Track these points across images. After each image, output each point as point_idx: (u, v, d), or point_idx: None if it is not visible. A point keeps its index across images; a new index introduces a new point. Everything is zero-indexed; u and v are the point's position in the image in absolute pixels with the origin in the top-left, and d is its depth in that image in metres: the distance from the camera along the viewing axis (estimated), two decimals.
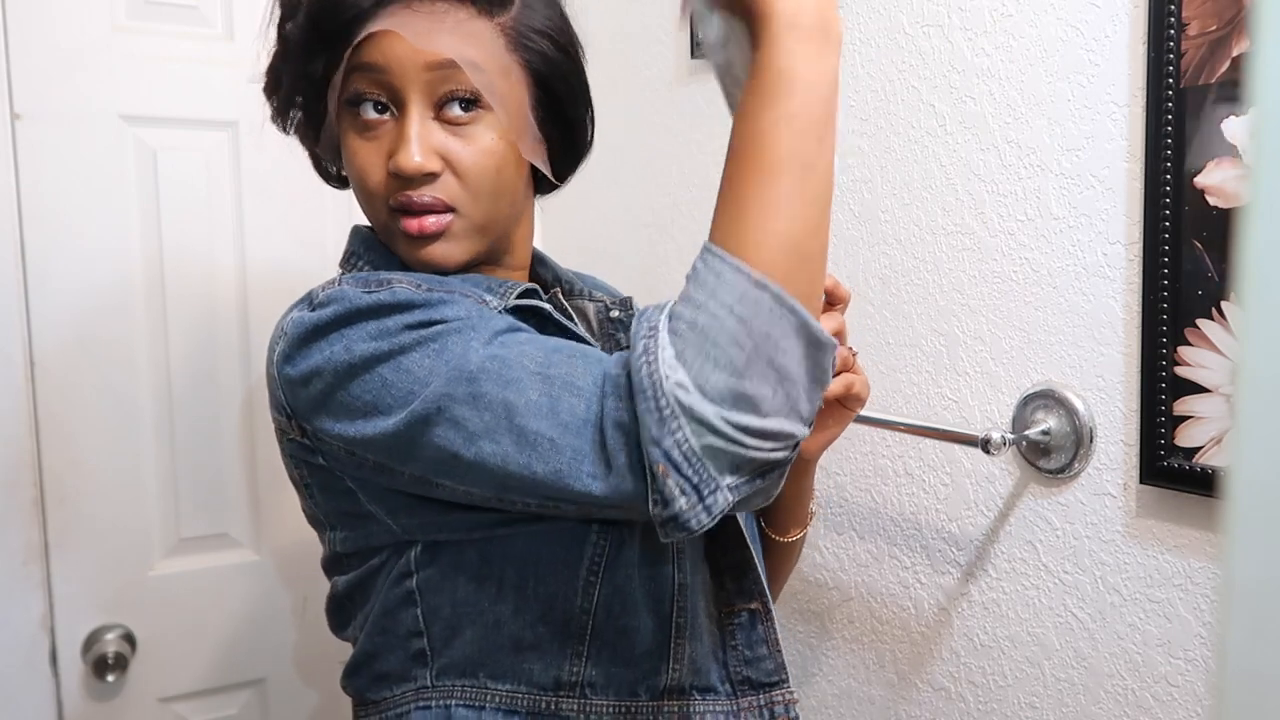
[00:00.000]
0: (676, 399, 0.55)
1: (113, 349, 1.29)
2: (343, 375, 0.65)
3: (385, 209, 0.71)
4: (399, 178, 0.69)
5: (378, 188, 0.71)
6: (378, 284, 0.67)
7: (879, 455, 1.15)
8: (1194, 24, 0.80)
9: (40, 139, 1.24)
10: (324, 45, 0.69)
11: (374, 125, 0.70)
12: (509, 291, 0.72)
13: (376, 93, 0.69)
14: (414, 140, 0.68)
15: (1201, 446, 0.82)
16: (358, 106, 0.70)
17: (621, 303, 0.86)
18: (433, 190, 0.70)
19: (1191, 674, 0.85)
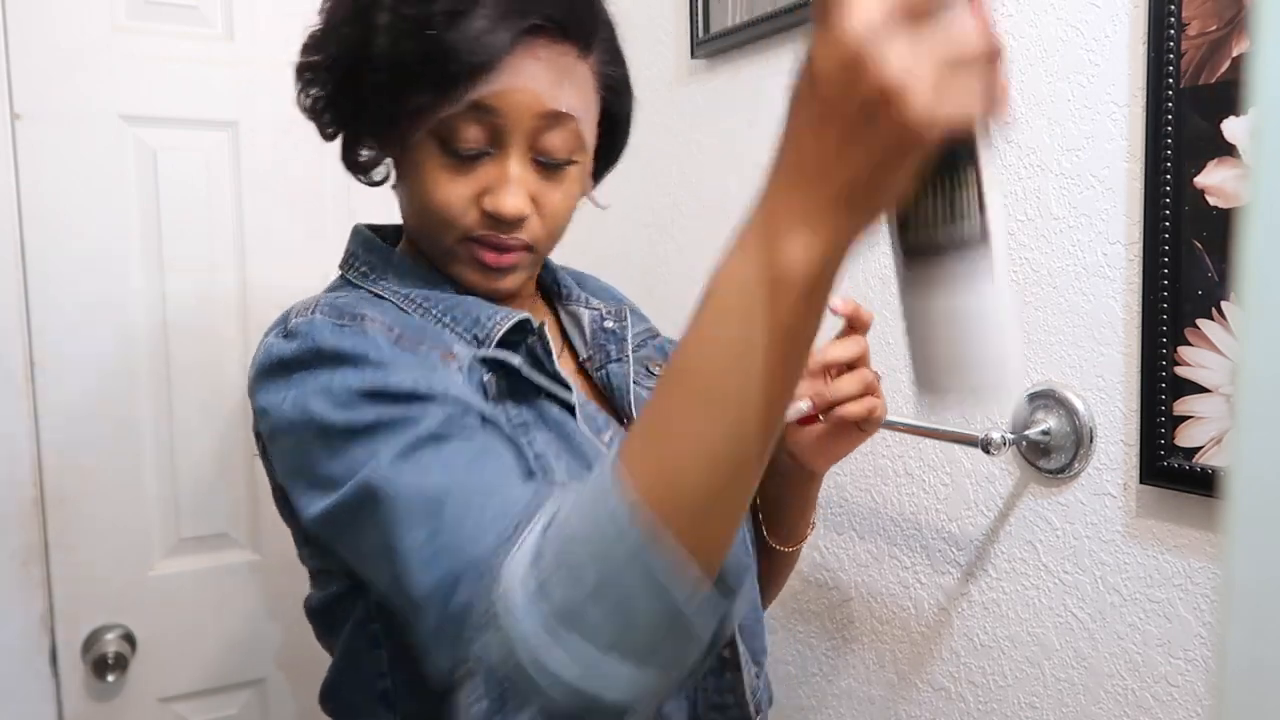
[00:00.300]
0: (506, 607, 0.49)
1: (112, 349, 1.29)
2: (284, 429, 0.64)
3: (458, 238, 0.71)
4: (490, 217, 0.69)
5: (459, 220, 0.70)
6: (351, 318, 0.66)
7: (879, 455, 1.15)
8: (1194, 24, 0.80)
9: (40, 139, 1.23)
10: (440, 86, 0.65)
11: (469, 164, 0.69)
12: (493, 331, 0.70)
13: (482, 135, 0.68)
14: (518, 187, 0.69)
15: (1201, 446, 0.82)
16: (454, 142, 0.68)
17: (616, 313, 0.86)
18: (520, 233, 0.71)
19: (1191, 674, 0.85)
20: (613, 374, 0.82)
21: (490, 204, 0.68)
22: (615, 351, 0.83)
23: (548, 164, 0.70)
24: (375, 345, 0.64)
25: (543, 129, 0.69)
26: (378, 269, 0.76)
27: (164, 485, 1.34)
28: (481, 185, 0.69)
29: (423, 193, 0.70)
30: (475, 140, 0.68)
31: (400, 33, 0.65)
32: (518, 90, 0.66)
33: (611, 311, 0.86)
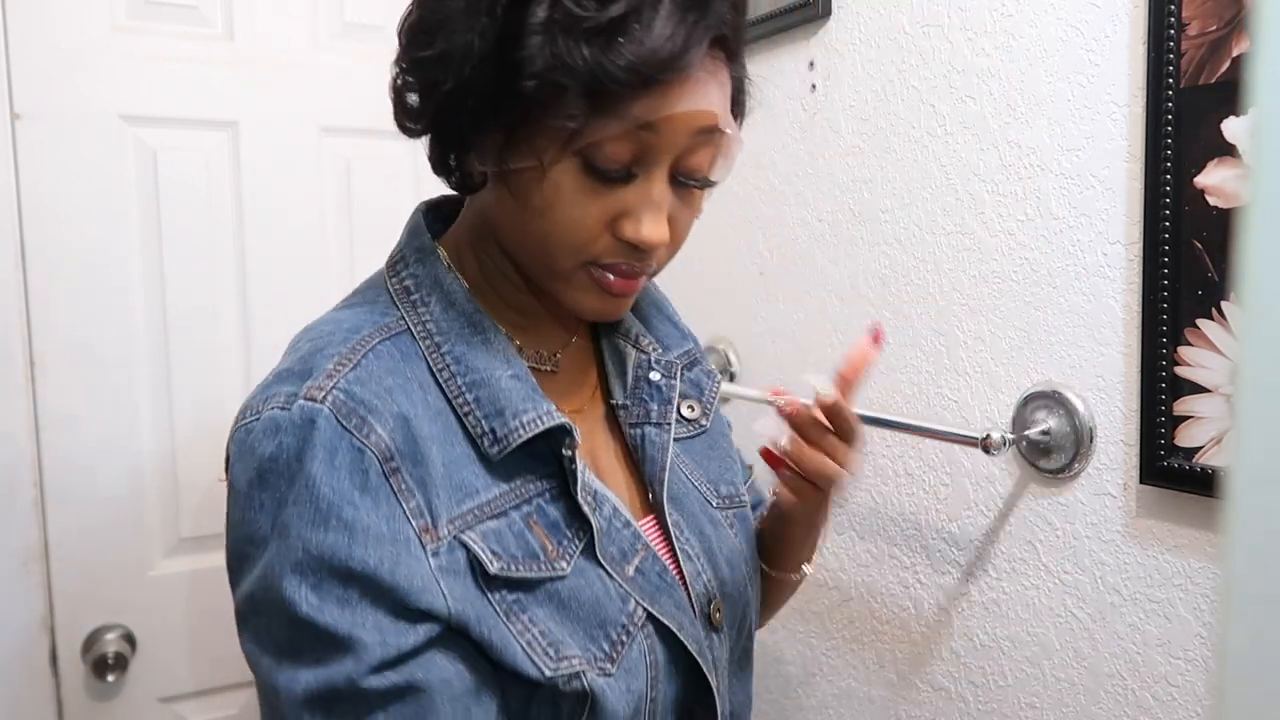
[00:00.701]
0: None
1: (113, 349, 1.29)
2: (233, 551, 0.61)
3: (580, 263, 0.63)
4: (624, 244, 0.62)
5: (587, 246, 0.62)
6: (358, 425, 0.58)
7: (879, 455, 1.15)
8: (1194, 24, 0.80)
9: (40, 139, 1.24)
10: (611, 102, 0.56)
11: (608, 183, 0.60)
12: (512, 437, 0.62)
13: (631, 153, 0.59)
14: (661, 212, 0.61)
15: (1201, 446, 0.82)
16: (600, 162, 0.59)
17: (666, 365, 0.77)
18: (652, 259, 0.64)
19: (1191, 674, 0.85)
20: (649, 440, 0.74)
21: (631, 231, 0.61)
22: (657, 413, 0.75)
23: (687, 183, 0.63)
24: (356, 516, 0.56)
25: (694, 147, 0.61)
26: (423, 288, 0.67)
27: (164, 485, 1.34)
28: (619, 208, 0.61)
29: (549, 214, 0.61)
30: (623, 159, 0.59)
31: (564, 36, 0.55)
32: (693, 111, 0.59)
33: (661, 362, 0.77)
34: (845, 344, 1.17)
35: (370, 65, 1.43)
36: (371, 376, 0.61)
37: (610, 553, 0.65)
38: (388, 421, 0.59)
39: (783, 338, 1.26)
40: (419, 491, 0.59)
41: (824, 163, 1.19)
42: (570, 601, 0.63)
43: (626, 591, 0.65)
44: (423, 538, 0.58)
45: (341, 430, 0.57)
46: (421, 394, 0.62)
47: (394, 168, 1.46)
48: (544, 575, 0.62)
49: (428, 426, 0.61)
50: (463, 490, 0.61)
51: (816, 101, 1.20)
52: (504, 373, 0.65)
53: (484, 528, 0.61)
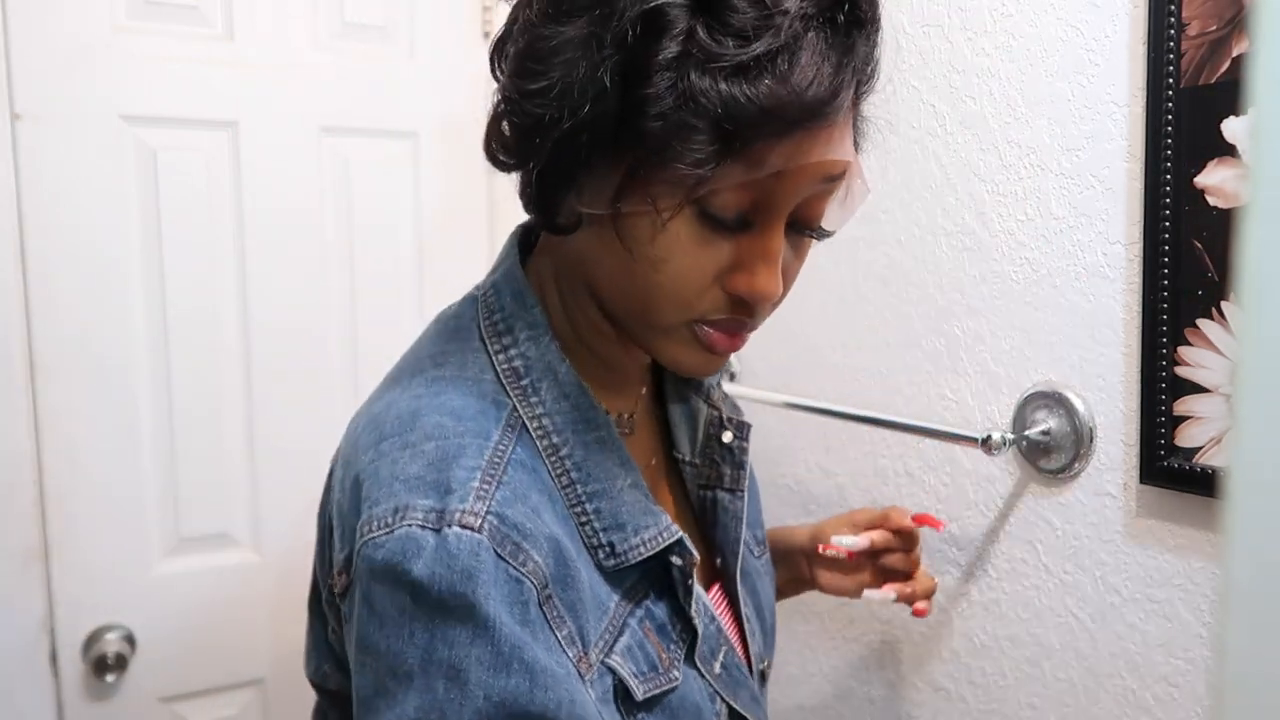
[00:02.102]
0: None
1: (113, 349, 1.29)
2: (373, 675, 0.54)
3: (686, 318, 0.57)
4: (734, 299, 0.56)
5: (694, 301, 0.56)
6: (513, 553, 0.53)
7: (879, 455, 1.14)
8: (1194, 24, 0.80)
9: (40, 139, 1.23)
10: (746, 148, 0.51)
11: (724, 232, 0.55)
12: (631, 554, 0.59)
13: (753, 203, 0.54)
14: (778, 266, 0.56)
15: (1201, 446, 0.82)
16: (716, 210, 0.54)
17: (738, 426, 0.73)
18: (762, 315, 0.59)
19: (1191, 674, 0.85)
20: (722, 507, 0.71)
21: (744, 285, 0.55)
22: (730, 478, 0.71)
23: (803, 233, 0.59)
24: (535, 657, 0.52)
25: (817, 195, 0.56)
26: (534, 372, 0.61)
27: (164, 485, 1.34)
28: (732, 259, 0.56)
29: (659, 264, 0.55)
30: (742, 207, 0.54)
31: (698, 73, 0.49)
32: (828, 161, 0.54)
33: (733, 421, 0.73)
34: (846, 345, 1.18)
35: (370, 65, 1.43)
36: (518, 496, 0.55)
37: (703, 653, 0.64)
38: (541, 546, 0.55)
39: (783, 338, 1.26)
40: (570, 618, 0.55)
41: None
42: (679, 710, 0.61)
43: (714, 690, 0.64)
44: (579, 667, 0.55)
45: (499, 560, 0.52)
46: (553, 505, 0.58)
47: (394, 168, 1.46)
48: (665, 689, 0.60)
49: (570, 543, 0.57)
50: (600, 609, 0.58)
51: None
52: (623, 481, 0.61)
53: (620, 646, 0.58)
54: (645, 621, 0.60)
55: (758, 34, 0.49)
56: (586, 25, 0.52)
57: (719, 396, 0.74)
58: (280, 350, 1.37)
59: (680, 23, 0.50)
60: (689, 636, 0.62)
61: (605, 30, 0.51)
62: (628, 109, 0.51)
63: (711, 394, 0.74)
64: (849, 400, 1.17)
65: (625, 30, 0.50)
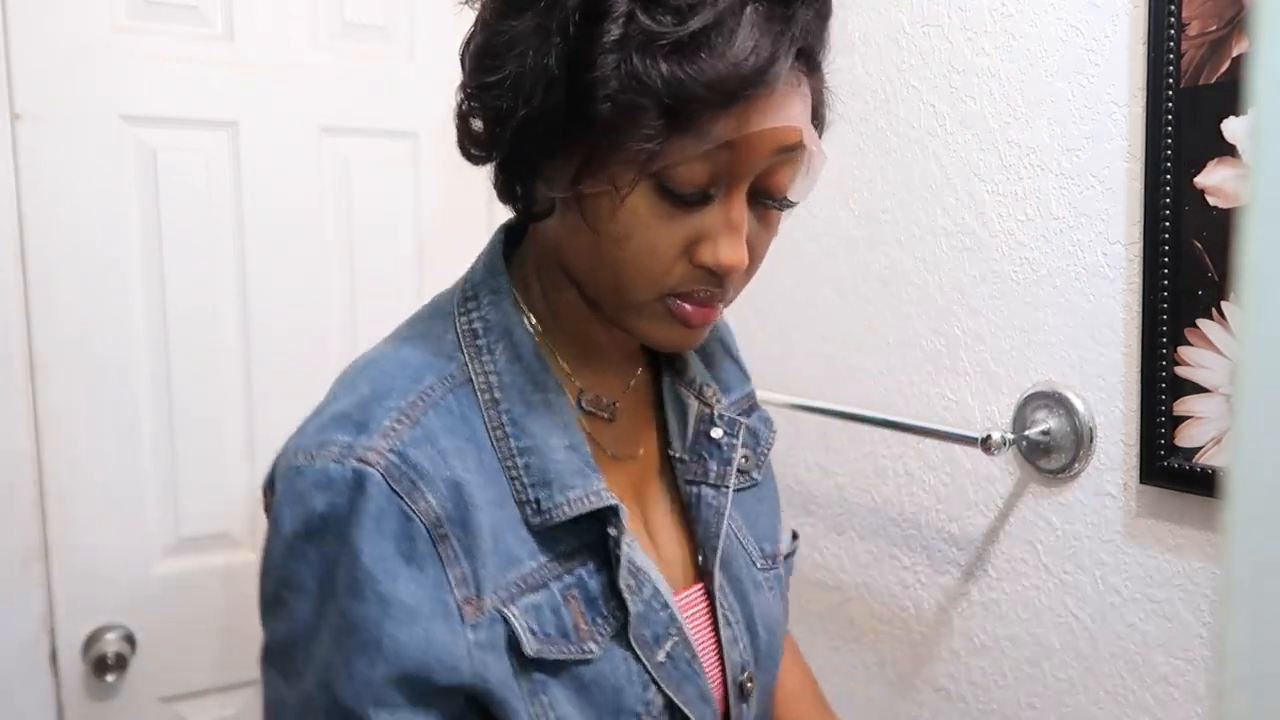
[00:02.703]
0: None
1: (113, 349, 1.29)
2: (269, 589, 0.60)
3: (657, 293, 0.59)
4: (702, 270, 0.58)
5: (664, 275, 0.58)
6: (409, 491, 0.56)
7: (879, 455, 1.14)
8: (1194, 24, 0.80)
9: (40, 139, 1.23)
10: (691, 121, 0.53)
11: (686, 207, 0.57)
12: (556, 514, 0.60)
13: (706, 176, 0.56)
14: (742, 236, 0.58)
15: (1201, 446, 0.82)
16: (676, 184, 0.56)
17: (729, 422, 0.73)
18: (731, 286, 0.61)
19: (1191, 674, 0.85)
20: (705, 503, 0.71)
21: (709, 256, 0.57)
22: (716, 474, 0.71)
23: (767, 204, 0.60)
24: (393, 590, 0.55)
25: (775, 166, 0.58)
26: (492, 334, 0.64)
27: (164, 485, 1.34)
28: (696, 232, 0.58)
29: (624, 241, 0.57)
30: (700, 181, 0.56)
31: (640, 53, 0.52)
32: (776, 129, 0.56)
33: (724, 417, 0.73)
34: (846, 345, 1.18)
35: (370, 65, 1.43)
36: (428, 438, 0.59)
37: (643, 636, 0.63)
38: (439, 488, 0.57)
39: (783, 338, 1.26)
40: (465, 561, 0.57)
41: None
42: (592, 686, 0.61)
43: (650, 679, 0.63)
44: (464, 610, 0.57)
45: (392, 495, 0.56)
46: (476, 454, 0.60)
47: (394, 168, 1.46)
48: (572, 657, 0.60)
49: (480, 491, 0.59)
50: (508, 559, 0.59)
51: None
52: (560, 442, 0.62)
53: (525, 601, 0.59)
54: (573, 590, 0.61)
55: (693, 11, 0.51)
56: (535, 18, 0.55)
57: (712, 394, 0.74)
58: (280, 350, 1.36)
59: (620, 6, 0.52)
60: (622, 614, 0.62)
61: (552, 20, 0.54)
62: (578, 94, 0.54)
63: (704, 391, 0.74)
64: (849, 400, 1.17)
65: (569, 18, 0.53)
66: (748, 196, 0.59)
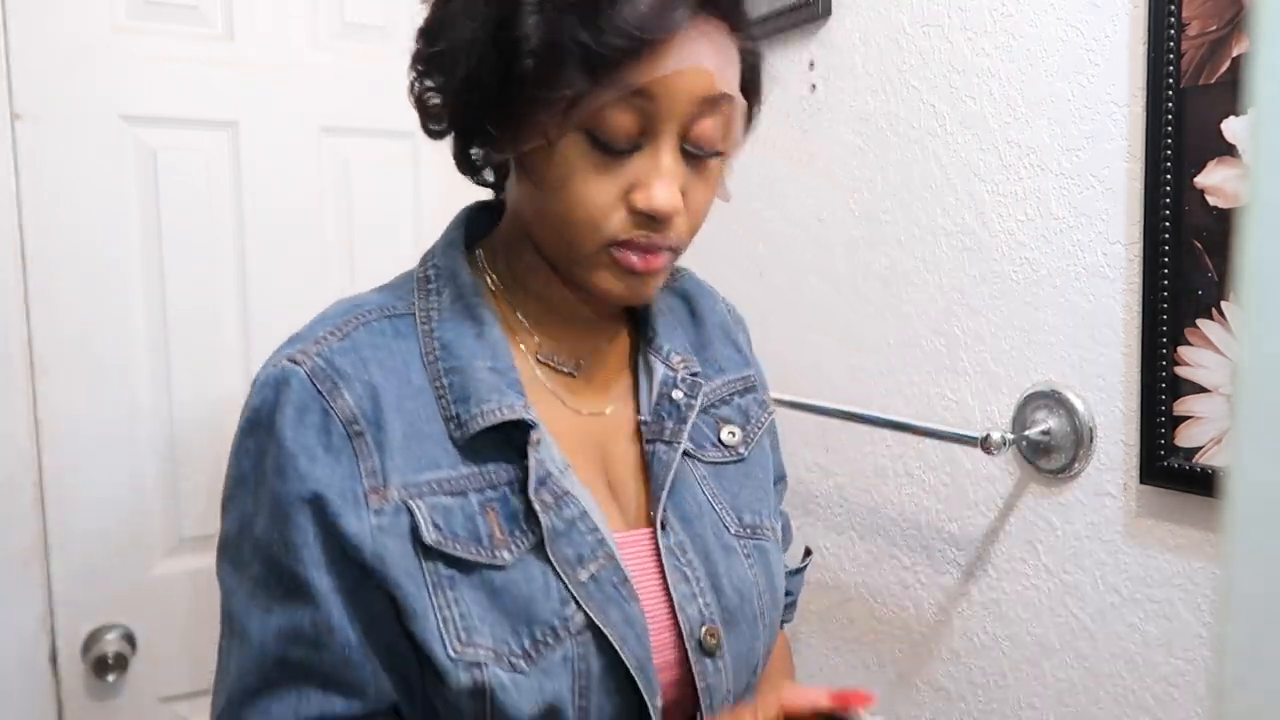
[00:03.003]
0: None
1: (112, 349, 1.29)
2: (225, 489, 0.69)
3: (601, 244, 0.64)
4: (640, 215, 0.63)
5: (604, 223, 0.63)
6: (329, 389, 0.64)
7: (879, 455, 1.15)
8: (1194, 24, 0.80)
9: (40, 139, 1.23)
10: (602, 70, 0.59)
11: (617, 157, 0.62)
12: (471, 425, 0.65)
13: (633, 125, 0.61)
14: (672, 180, 0.63)
15: (1201, 446, 0.82)
16: (604, 134, 0.61)
17: (689, 386, 0.76)
18: (670, 231, 0.64)
19: (1191, 674, 0.85)
20: (657, 459, 0.73)
21: (642, 200, 0.62)
22: (670, 431, 0.74)
23: (698, 155, 0.64)
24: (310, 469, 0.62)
25: (699, 115, 0.62)
26: (441, 278, 0.71)
27: (164, 485, 1.34)
28: (630, 180, 0.62)
29: (563, 195, 0.63)
30: (628, 130, 0.61)
31: (555, 10, 0.58)
32: (687, 72, 0.60)
33: (686, 379, 0.76)
34: (846, 344, 1.18)
35: (370, 65, 1.43)
36: (354, 347, 0.66)
37: (564, 555, 0.65)
38: (356, 388, 0.64)
39: (783, 338, 1.26)
40: (377, 454, 0.63)
41: (824, 163, 1.19)
42: (503, 592, 0.64)
43: (570, 595, 0.65)
44: (369, 497, 0.62)
45: (314, 391, 0.63)
46: (404, 370, 0.67)
47: (394, 168, 1.46)
48: (481, 560, 0.64)
49: (398, 399, 0.65)
50: (424, 461, 0.64)
51: (816, 101, 1.20)
52: (484, 364, 0.67)
53: (436, 500, 0.64)
54: (494, 503, 0.66)
55: None
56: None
57: (680, 362, 0.78)
58: None
59: None
60: (539, 530, 0.65)
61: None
62: (505, 55, 0.60)
63: (672, 358, 0.78)
64: (849, 400, 1.17)
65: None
66: (679, 148, 0.63)
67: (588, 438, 0.72)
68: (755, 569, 0.76)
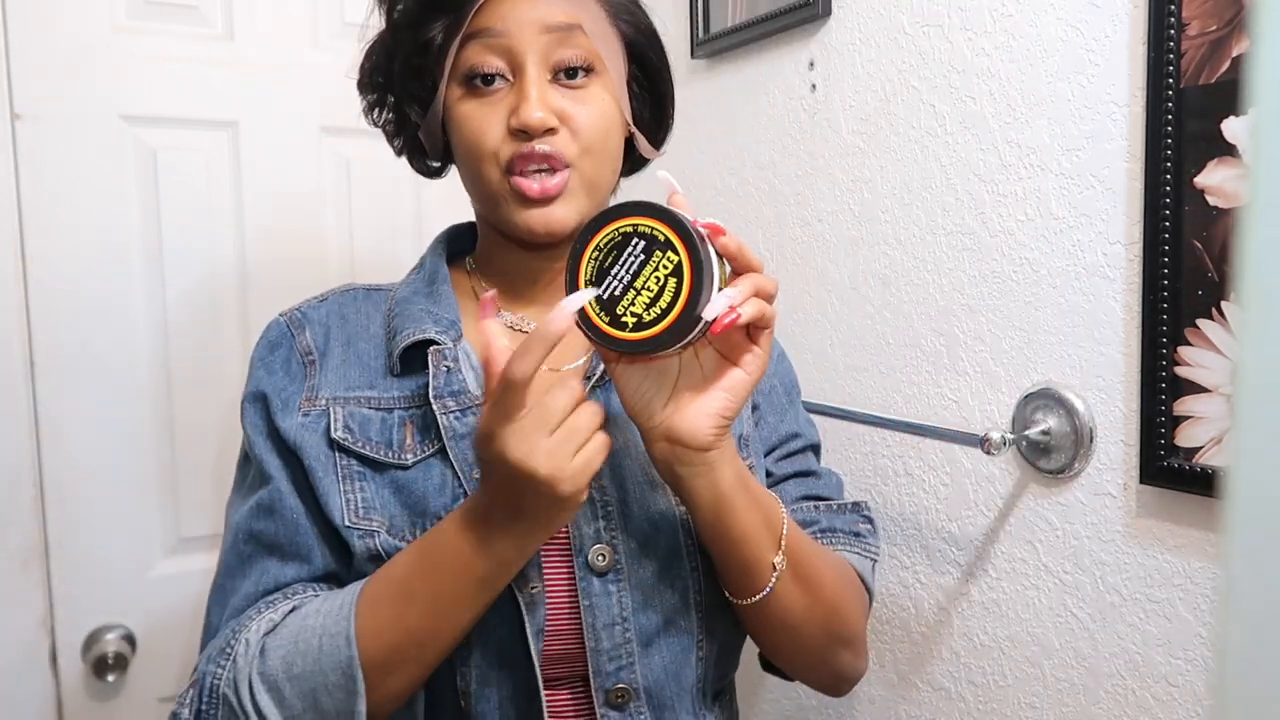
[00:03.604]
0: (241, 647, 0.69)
1: (113, 349, 1.29)
2: None
3: (499, 172, 0.73)
4: (519, 134, 0.71)
5: (494, 149, 0.73)
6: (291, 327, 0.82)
7: (879, 455, 1.15)
8: (1194, 24, 0.80)
9: (40, 139, 1.23)
10: (442, 13, 0.73)
11: (491, 93, 0.73)
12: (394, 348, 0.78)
13: (495, 61, 0.72)
14: (535, 95, 0.71)
15: (1201, 446, 0.82)
16: (474, 79, 0.73)
17: None
18: (552, 143, 0.72)
19: (1191, 674, 0.85)
20: (594, 394, 0.78)
21: (515, 119, 0.71)
22: (597, 377, 0.79)
23: (568, 75, 0.73)
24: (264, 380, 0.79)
25: (554, 44, 0.72)
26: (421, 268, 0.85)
27: (164, 485, 1.34)
28: (505, 111, 0.72)
29: (459, 136, 0.75)
30: (495, 67, 0.72)
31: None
32: (523, 4, 0.71)
33: None
34: (846, 344, 1.18)
35: None
36: (325, 305, 0.84)
37: (464, 457, 0.73)
38: (316, 330, 0.81)
39: (782, 338, 1.26)
40: (317, 375, 0.78)
41: (824, 163, 1.19)
42: (404, 489, 0.73)
43: (463, 492, 0.72)
44: (302, 404, 0.77)
45: (286, 331, 0.82)
46: (366, 323, 0.81)
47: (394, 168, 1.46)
48: (388, 460, 0.74)
49: (350, 338, 0.80)
50: (358, 383, 0.78)
51: (816, 101, 1.20)
52: (422, 308, 0.79)
53: (357, 411, 0.76)
54: (413, 418, 0.76)
55: None
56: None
57: None
58: None
59: None
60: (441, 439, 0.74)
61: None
62: (390, 33, 0.77)
63: None
64: (849, 400, 1.17)
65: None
66: (550, 77, 0.73)
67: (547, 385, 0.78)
68: (666, 499, 0.76)
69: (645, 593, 0.74)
